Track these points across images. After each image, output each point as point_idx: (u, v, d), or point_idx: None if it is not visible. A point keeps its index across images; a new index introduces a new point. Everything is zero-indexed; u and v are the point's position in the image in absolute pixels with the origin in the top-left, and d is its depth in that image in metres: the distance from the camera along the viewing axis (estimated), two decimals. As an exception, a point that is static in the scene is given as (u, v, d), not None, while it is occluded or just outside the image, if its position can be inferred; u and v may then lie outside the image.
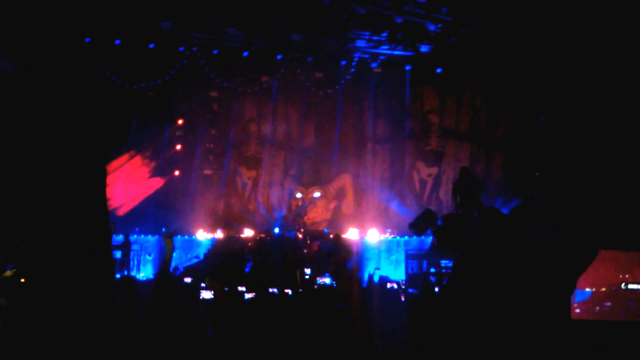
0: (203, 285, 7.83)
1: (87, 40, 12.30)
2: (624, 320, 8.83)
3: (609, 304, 9.07)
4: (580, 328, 7.62)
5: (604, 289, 9.05)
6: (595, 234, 3.19)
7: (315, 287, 7.80)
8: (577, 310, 8.98)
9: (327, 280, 7.88)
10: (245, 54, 13.17)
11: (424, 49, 13.30)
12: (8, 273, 3.40)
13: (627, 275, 9.06)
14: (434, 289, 7.38)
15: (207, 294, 6.96)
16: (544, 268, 3.06)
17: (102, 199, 3.22)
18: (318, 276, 8.21)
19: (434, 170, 14.23)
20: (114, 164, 12.62)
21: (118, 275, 8.83)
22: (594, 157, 10.11)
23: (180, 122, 14.15)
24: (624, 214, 8.36)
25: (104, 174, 3.28)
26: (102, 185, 3.23)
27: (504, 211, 3.90)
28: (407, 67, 13.79)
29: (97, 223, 3.16)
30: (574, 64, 10.98)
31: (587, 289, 9.07)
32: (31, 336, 3.12)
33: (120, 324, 3.27)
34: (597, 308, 9.05)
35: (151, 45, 12.79)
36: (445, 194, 14.02)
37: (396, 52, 13.43)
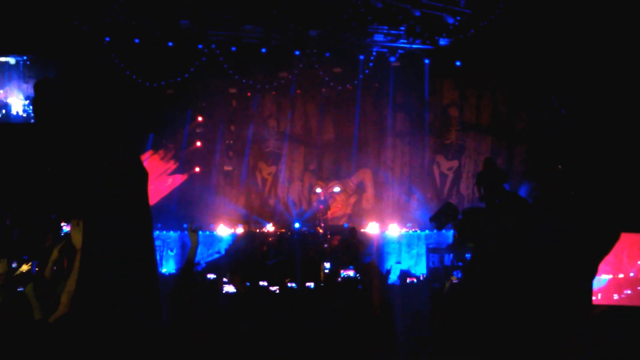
0: (225, 280, 7.90)
1: (106, 39, 12.46)
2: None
3: (630, 290, 8.94)
4: (600, 315, 7.53)
5: (622, 275, 8.92)
6: (617, 217, 3.13)
7: (339, 279, 7.83)
8: (594, 298, 8.87)
9: (351, 273, 7.89)
10: (264, 50, 13.19)
11: (442, 42, 13.21)
12: (25, 267, 3.43)
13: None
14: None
15: (229, 288, 7.04)
16: (563, 255, 3.01)
17: (144, 194, 3.24)
18: (342, 269, 8.23)
19: (454, 163, 14.15)
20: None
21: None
22: (613, 142, 9.98)
23: (200, 119, 14.24)
24: None
25: (144, 172, 3.30)
26: (144, 182, 3.25)
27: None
28: (426, 61, 13.71)
29: (139, 219, 3.18)
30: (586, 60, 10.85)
31: (605, 275, 8.94)
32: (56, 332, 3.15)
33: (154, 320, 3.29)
34: (617, 294, 8.93)
35: (170, 44, 12.88)
36: (466, 187, 13.93)
37: (415, 46, 13.36)
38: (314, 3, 12.28)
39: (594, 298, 8.75)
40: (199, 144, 14.25)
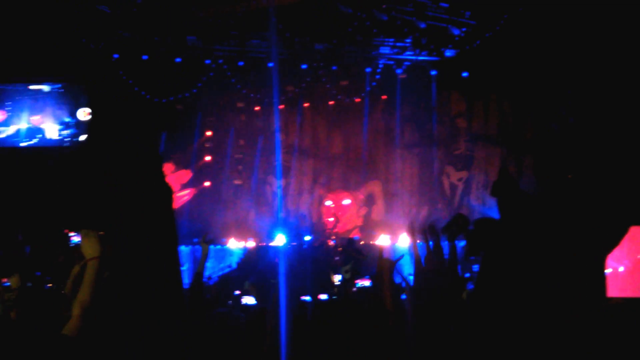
0: (237, 292, 7.87)
1: (115, 56, 12.58)
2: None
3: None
4: (615, 307, 7.45)
5: (623, 268, 8.85)
6: (627, 209, 3.10)
7: (354, 289, 7.79)
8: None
9: (367, 283, 7.85)
10: (270, 64, 13.26)
11: (448, 53, 13.25)
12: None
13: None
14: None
15: (248, 300, 7.01)
16: (571, 250, 2.98)
17: (170, 210, 3.30)
18: (357, 279, 8.19)
19: (464, 174, 14.12)
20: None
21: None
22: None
23: (208, 133, 14.33)
24: None
25: (169, 188, 3.36)
26: (169, 198, 3.31)
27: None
28: (433, 72, 13.74)
29: (165, 235, 3.23)
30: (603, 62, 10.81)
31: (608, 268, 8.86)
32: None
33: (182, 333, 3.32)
34: (623, 286, 8.87)
35: (178, 59, 12.98)
36: (476, 198, 13.89)
37: (421, 58, 13.39)
38: (319, 17, 12.35)
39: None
40: (208, 158, 14.32)
